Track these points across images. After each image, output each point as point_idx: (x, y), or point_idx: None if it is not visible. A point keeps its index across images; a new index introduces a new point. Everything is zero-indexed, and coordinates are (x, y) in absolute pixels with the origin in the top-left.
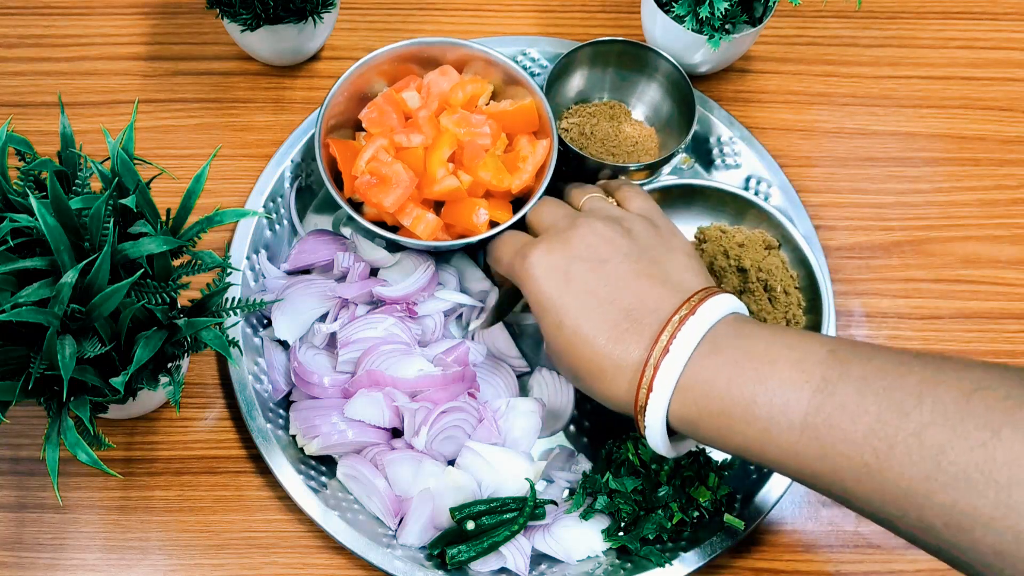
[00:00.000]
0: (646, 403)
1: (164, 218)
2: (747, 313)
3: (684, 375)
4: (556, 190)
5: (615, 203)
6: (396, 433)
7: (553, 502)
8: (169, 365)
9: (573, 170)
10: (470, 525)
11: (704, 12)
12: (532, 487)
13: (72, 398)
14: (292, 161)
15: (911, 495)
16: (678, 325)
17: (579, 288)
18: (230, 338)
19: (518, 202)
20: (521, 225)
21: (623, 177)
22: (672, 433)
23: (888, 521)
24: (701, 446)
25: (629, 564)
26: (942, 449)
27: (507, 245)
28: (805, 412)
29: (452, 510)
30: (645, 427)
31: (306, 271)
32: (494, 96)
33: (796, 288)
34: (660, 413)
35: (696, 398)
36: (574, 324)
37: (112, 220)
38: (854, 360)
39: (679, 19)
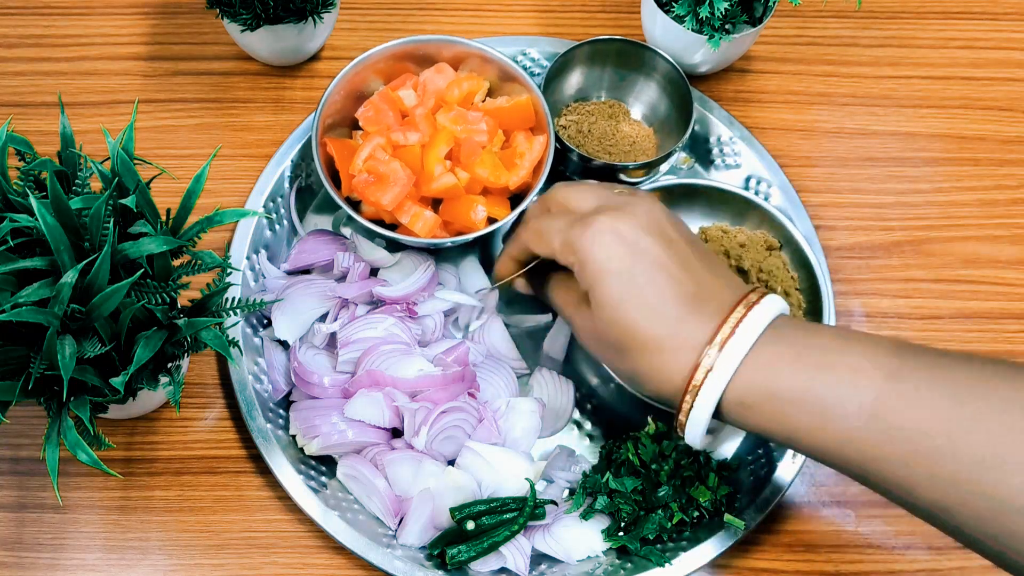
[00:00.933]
0: (702, 383)
1: (164, 218)
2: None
3: (746, 361)
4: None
5: None
6: (396, 433)
7: (553, 502)
8: (169, 365)
9: (569, 168)
10: (470, 525)
11: (704, 12)
12: (532, 487)
13: (72, 398)
14: (292, 161)
15: (981, 478)
16: (744, 312)
17: (650, 261)
18: (230, 338)
19: (516, 199)
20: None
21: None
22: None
23: (951, 514)
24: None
25: (629, 564)
26: (1011, 430)
27: (556, 218)
28: (875, 397)
29: (452, 510)
30: (693, 408)
31: (306, 271)
32: (490, 93)
33: (797, 290)
34: (715, 393)
35: (756, 381)
36: (641, 294)
37: (112, 220)
38: (922, 354)
39: (679, 19)
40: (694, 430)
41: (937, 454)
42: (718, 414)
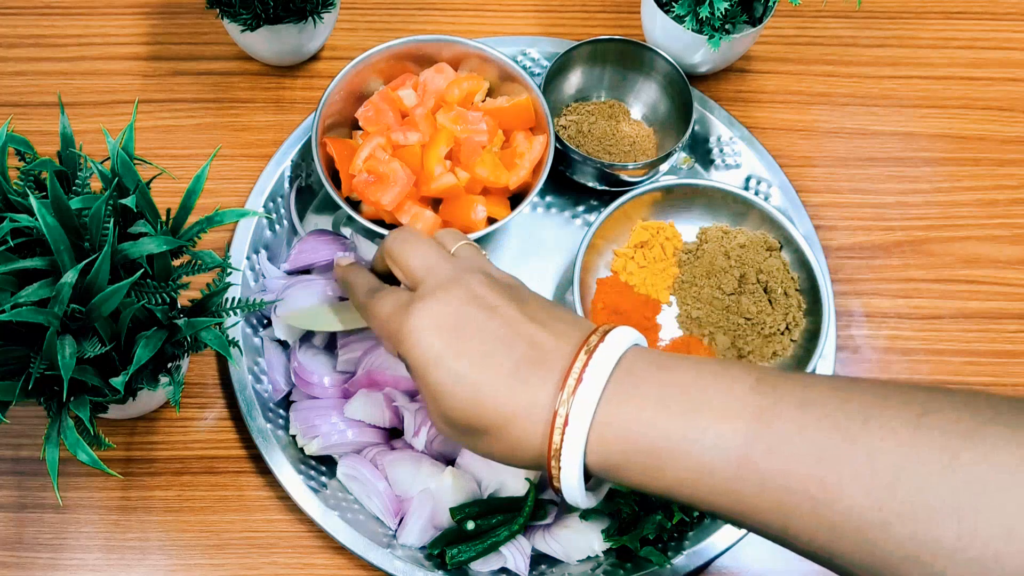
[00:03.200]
0: (561, 445)
1: (164, 218)
2: (646, 345)
3: (601, 410)
4: (552, 189)
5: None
6: (396, 433)
7: (553, 502)
8: (169, 365)
9: (569, 168)
10: (470, 525)
11: (704, 12)
12: (532, 487)
13: (72, 398)
14: (292, 161)
15: (864, 528)
16: (589, 354)
17: (474, 335)
18: (230, 338)
19: (516, 199)
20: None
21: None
22: (587, 479)
23: (834, 560)
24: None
25: (629, 564)
26: (897, 476)
27: (385, 302)
28: (742, 445)
29: (452, 510)
30: (560, 473)
31: (306, 271)
32: (490, 93)
33: (797, 291)
34: (577, 455)
35: (618, 436)
36: (473, 373)
37: (112, 220)
38: (785, 386)
39: (679, 19)
40: (571, 494)
41: (812, 503)
42: (589, 474)
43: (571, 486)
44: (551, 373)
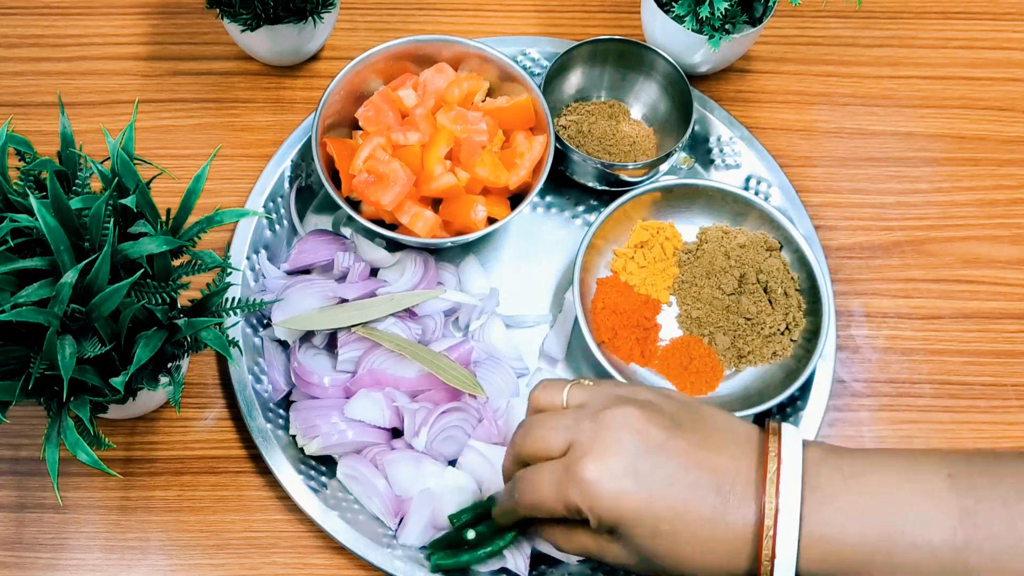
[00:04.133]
0: (773, 551)
1: (164, 218)
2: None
3: (804, 530)
4: (552, 189)
5: (590, 384)
6: (396, 433)
7: None
8: (169, 365)
9: (569, 168)
10: (471, 535)
11: (704, 12)
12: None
13: (72, 398)
14: (292, 161)
15: None
16: (776, 477)
17: (659, 483)
18: (230, 338)
19: (516, 199)
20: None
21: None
22: None
23: None
24: None
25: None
26: None
27: (540, 480)
28: (953, 548)
29: (451, 517)
30: None
31: (306, 271)
32: (490, 93)
33: (797, 291)
34: (790, 559)
35: (826, 553)
36: (672, 523)
37: (112, 220)
38: (978, 477)
39: (679, 19)
40: None
41: None
42: None
43: None
44: (742, 505)
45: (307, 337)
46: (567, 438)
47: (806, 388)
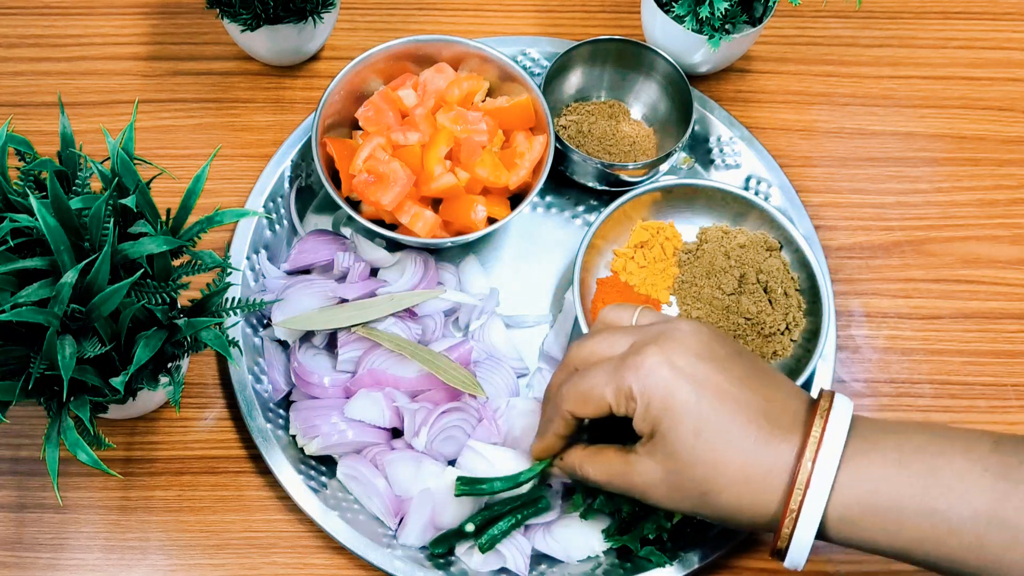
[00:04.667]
0: (800, 504)
1: (164, 218)
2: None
3: (841, 472)
4: (552, 189)
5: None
6: (396, 433)
7: (548, 485)
8: (169, 365)
9: (569, 168)
10: (469, 527)
11: (704, 12)
12: (536, 476)
13: (72, 398)
14: (292, 161)
15: None
16: (823, 422)
17: (712, 389)
18: (230, 338)
19: (516, 199)
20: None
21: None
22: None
23: None
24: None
25: (629, 564)
26: None
27: (595, 370)
28: (991, 500)
29: (459, 479)
30: (794, 532)
31: (306, 271)
32: (490, 93)
33: (797, 290)
34: (817, 513)
35: (858, 496)
36: (715, 429)
37: (112, 220)
38: (1023, 447)
39: (679, 19)
40: (798, 555)
41: None
42: (820, 534)
43: (802, 547)
44: (789, 435)
45: (307, 337)
46: (633, 340)
47: (806, 388)
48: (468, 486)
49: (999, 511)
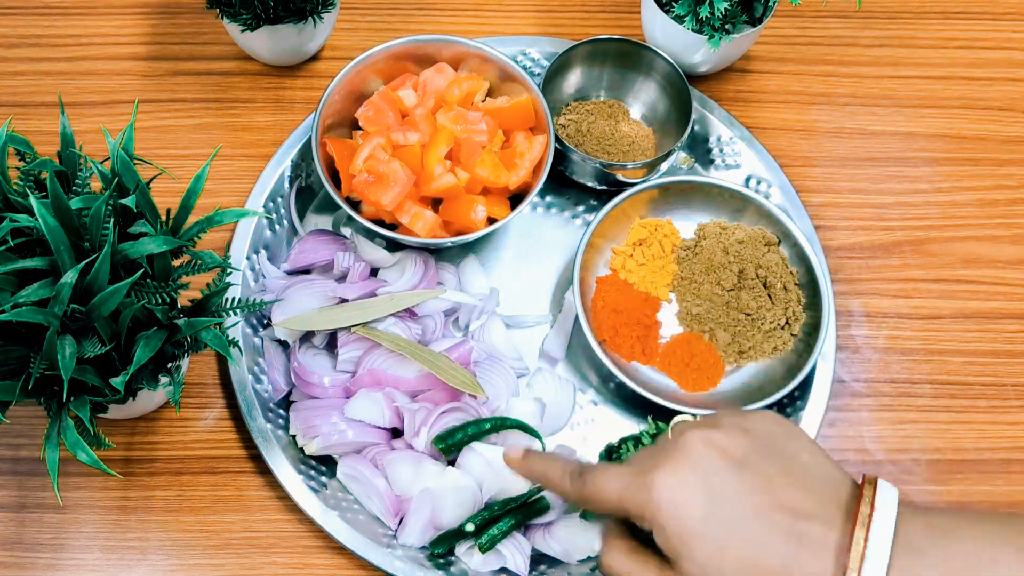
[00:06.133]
0: None
1: (164, 218)
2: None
3: None
4: (552, 188)
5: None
6: (396, 433)
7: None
8: (169, 365)
9: (569, 168)
10: (469, 527)
11: (704, 12)
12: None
13: (72, 398)
14: (292, 161)
15: None
16: (866, 528)
17: (731, 502)
18: (230, 338)
19: (516, 199)
20: (524, 226)
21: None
22: None
23: None
24: None
25: None
26: None
27: (607, 476)
28: None
29: (436, 437)
30: None
31: (306, 271)
32: (490, 93)
33: (796, 285)
34: None
35: None
36: (739, 544)
37: (112, 220)
38: None
39: (679, 19)
40: None
41: None
42: None
43: None
44: (826, 546)
45: (307, 337)
46: (646, 458)
47: (806, 387)
48: (444, 439)
49: None
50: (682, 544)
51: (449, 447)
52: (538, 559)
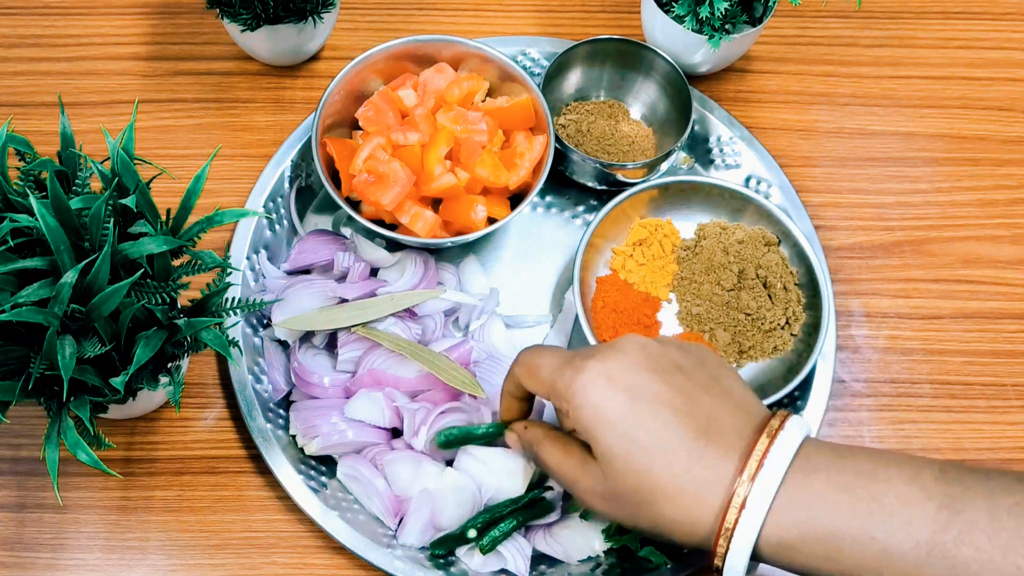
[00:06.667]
0: (735, 524)
1: (164, 218)
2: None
3: (780, 494)
4: (552, 189)
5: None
6: (396, 433)
7: (548, 487)
8: (169, 365)
9: (569, 168)
10: (472, 533)
11: (704, 12)
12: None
13: (72, 398)
14: (292, 161)
15: None
16: (769, 441)
17: (651, 399)
18: (230, 338)
19: (516, 199)
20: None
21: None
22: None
23: None
24: None
25: (629, 564)
26: None
27: (547, 357)
28: (932, 530)
29: (439, 433)
30: (728, 552)
31: (306, 271)
32: (490, 93)
33: (796, 285)
34: (751, 536)
35: (796, 519)
36: (650, 438)
37: (112, 220)
38: (969, 477)
39: (679, 19)
40: (734, 572)
41: None
42: (756, 556)
43: (736, 566)
44: (730, 452)
45: (307, 337)
46: (585, 351)
47: (806, 387)
48: (447, 436)
49: (939, 541)
50: (596, 425)
51: (448, 442)
52: (538, 559)
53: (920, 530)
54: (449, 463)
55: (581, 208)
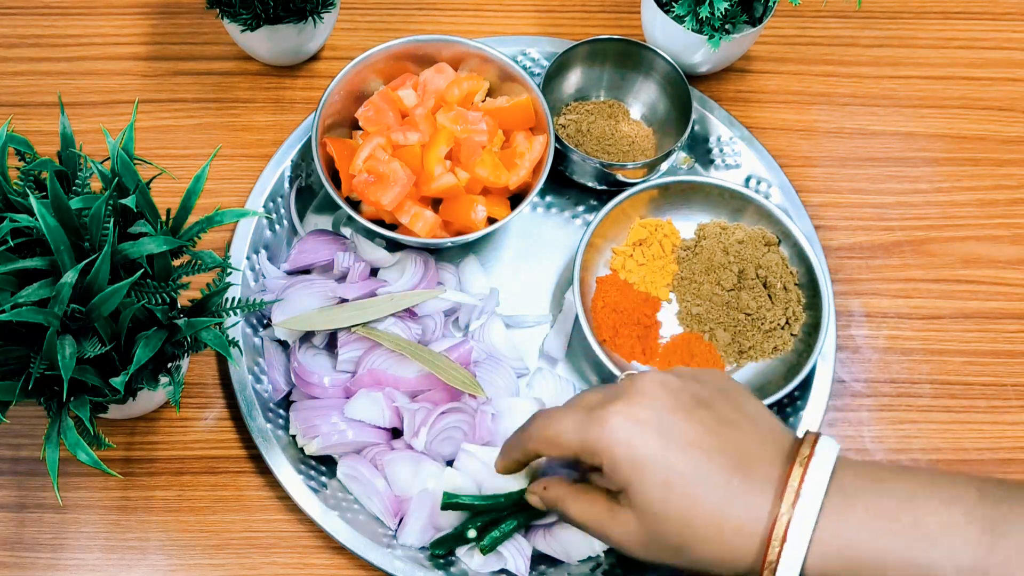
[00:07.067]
0: (778, 556)
1: (164, 218)
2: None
3: (820, 524)
4: (552, 189)
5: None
6: (396, 433)
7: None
8: (169, 365)
9: (569, 168)
10: (471, 533)
11: (704, 12)
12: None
13: (72, 398)
14: (292, 161)
15: None
16: (804, 466)
17: (680, 441)
18: (230, 338)
19: (516, 199)
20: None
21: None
22: None
23: None
24: None
25: (629, 564)
26: None
27: (560, 416)
28: (975, 556)
29: (445, 494)
30: None
31: (306, 271)
32: (490, 93)
33: (796, 284)
34: (795, 567)
35: (839, 549)
36: (684, 482)
37: (112, 220)
38: (1010, 497)
39: (679, 19)
40: None
41: None
42: None
43: None
44: (765, 485)
45: (307, 337)
46: (603, 394)
47: (806, 387)
48: (452, 500)
49: (983, 566)
50: (632, 474)
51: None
52: (538, 559)
53: (963, 556)
54: (449, 463)
55: (581, 208)
